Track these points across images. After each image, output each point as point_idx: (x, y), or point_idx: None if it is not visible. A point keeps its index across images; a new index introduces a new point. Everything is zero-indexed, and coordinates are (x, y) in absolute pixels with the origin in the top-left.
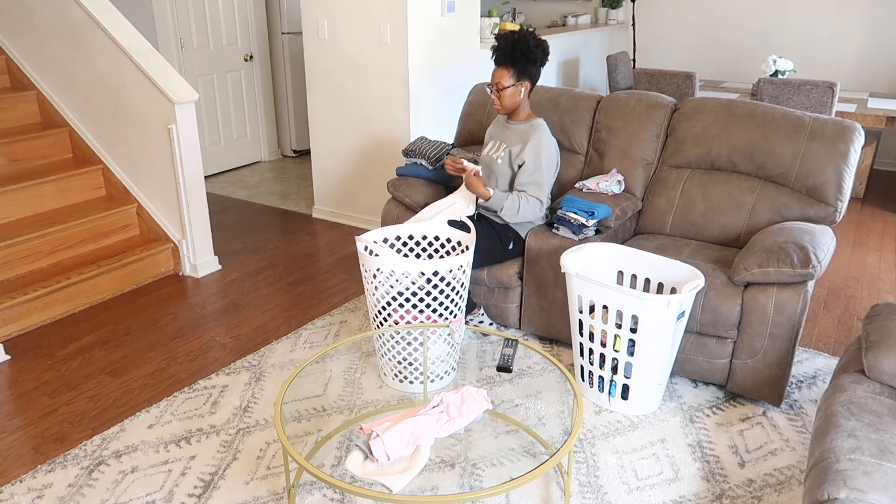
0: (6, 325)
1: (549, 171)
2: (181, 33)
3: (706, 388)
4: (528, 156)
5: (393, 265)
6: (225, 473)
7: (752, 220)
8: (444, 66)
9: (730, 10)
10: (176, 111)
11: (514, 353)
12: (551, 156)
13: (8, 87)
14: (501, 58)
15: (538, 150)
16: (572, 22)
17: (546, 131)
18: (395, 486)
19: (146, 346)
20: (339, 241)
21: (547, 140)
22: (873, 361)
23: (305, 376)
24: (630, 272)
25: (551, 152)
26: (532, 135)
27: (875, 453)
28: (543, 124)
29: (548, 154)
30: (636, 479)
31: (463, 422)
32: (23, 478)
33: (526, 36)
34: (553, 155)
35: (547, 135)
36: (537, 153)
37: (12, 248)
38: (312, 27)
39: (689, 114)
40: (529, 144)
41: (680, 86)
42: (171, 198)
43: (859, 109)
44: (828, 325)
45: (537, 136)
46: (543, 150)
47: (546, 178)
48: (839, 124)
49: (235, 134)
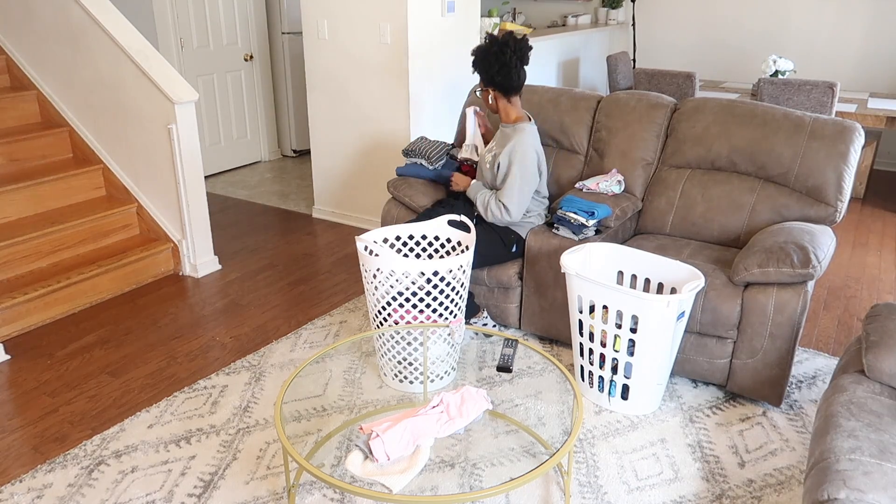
0: (6, 325)
1: (524, 178)
2: (181, 33)
3: (706, 388)
4: (503, 159)
5: (393, 265)
6: (225, 473)
7: (752, 221)
8: (444, 66)
9: (730, 10)
10: (176, 111)
11: (514, 353)
12: (525, 163)
13: (8, 87)
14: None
15: (512, 155)
16: (572, 22)
17: (526, 136)
18: (395, 486)
19: (146, 346)
20: (339, 241)
21: (525, 146)
22: (873, 361)
23: (305, 376)
24: (630, 272)
25: (526, 159)
26: (512, 139)
27: (875, 453)
28: (526, 129)
29: (521, 161)
30: (636, 479)
31: (463, 422)
32: (23, 478)
33: (489, 43)
34: (528, 162)
35: (526, 140)
36: (511, 159)
37: (12, 248)
38: (312, 27)
39: (689, 114)
40: (506, 148)
41: (680, 86)
42: (171, 198)
43: (859, 109)
44: (828, 325)
45: (514, 141)
46: (517, 157)
47: (517, 183)
48: (839, 124)
49: (235, 134)
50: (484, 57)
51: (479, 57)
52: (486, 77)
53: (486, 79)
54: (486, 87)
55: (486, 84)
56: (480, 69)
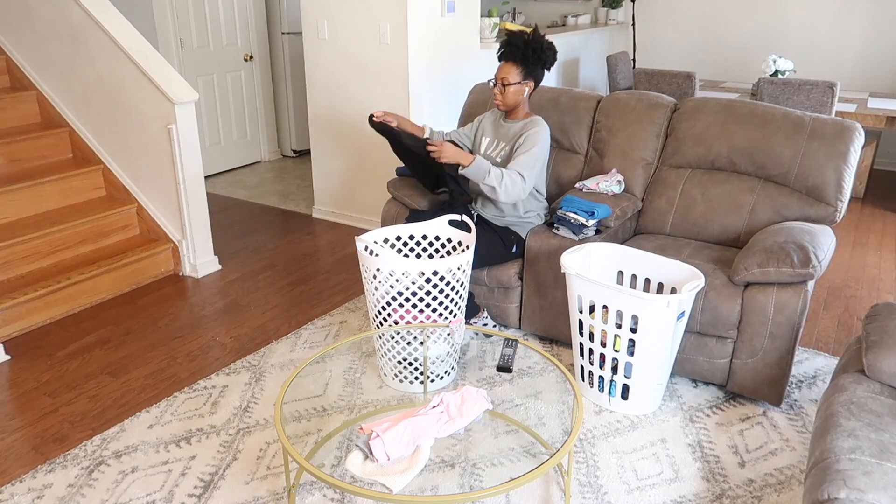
0: (6, 325)
1: (539, 158)
2: (181, 33)
3: (706, 388)
4: (524, 141)
5: (393, 265)
6: (225, 473)
7: (752, 220)
8: (444, 66)
9: (730, 10)
10: (176, 111)
11: (514, 353)
12: (544, 147)
13: (8, 87)
14: (512, 54)
15: (535, 137)
16: (572, 22)
17: (545, 126)
18: (395, 486)
19: (146, 346)
20: (339, 241)
21: (546, 134)
22: (873, 361)
23: (305, 376)
24: (630, 272)
25: (545, 145)
26: (532, 126)
27: (875, 453)
28: (542, 120)
29: (542, 144)
30: (636, 479)
31: (463, 422)
32: (23, 478)
33: (540, 37)
34: (545, 149)
35: (546, 131)
36: (534, 140)
37: (12, 248)
38: (312, 27)
39: (689, 114)
40: (528, 132)
41: (680, 86)
42: (171, 198)
43: (859, 109)
44: (828, 325)
45: (539, 128)
46: (539, 139)
47: (532, 161)
48: (839, 124)
49: (235, 134)
50: (542, 49)
51: (536, 48)
52: (536, 68)
53: (535, 70)
54: (524, 80)
55: (528, 77)
56: (531, 60)
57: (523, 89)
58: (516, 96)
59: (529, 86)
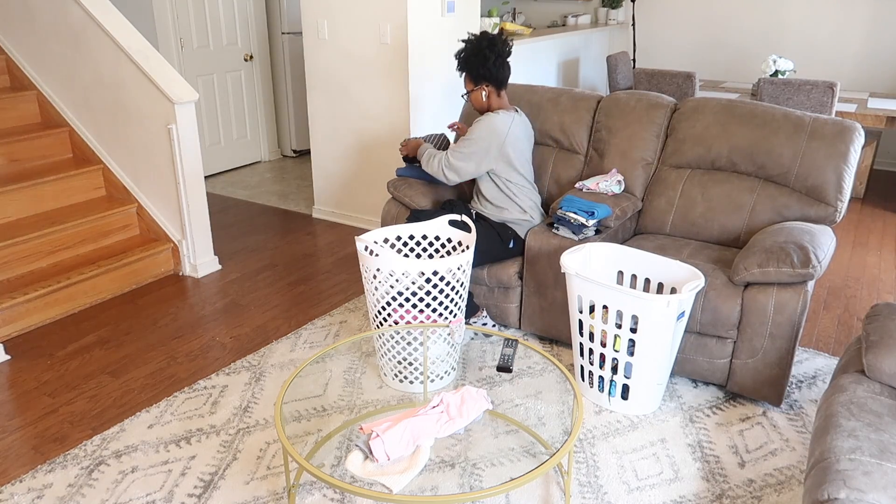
0: (6, 325)
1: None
2: (181, 33)
3: (706, 388)
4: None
5: (393, 265)
6: (225, 473)
7: (752, 220)
8: (444, 66)
9: (730, 10)
10: (176, 111)
11: (514, 353)
12: (481, 135)
13: (8, 87)
14: (460, 66)
15: (475, 126)
16: (572, 22)
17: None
18: (395, 486)
19: (146, 346)
20: (339, 241)
21: (492, 121)
22: (873, 361)
23: (305, 376)
24: (630, 272)
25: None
26: (481, 119)
27: (875, 453)
28: (500, 113)
29: (482, 129)
30: (636, 479)
31: (463, 422)
32: (23, 478)
33: (477, 40)
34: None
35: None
36: (473, 129)
37: (12, 248)
38: (312, 27)
39: (689, 114)
40: (474, 123)
41: (680, 86)
42: (171, 198)
43: (859, 109)
44: (828, 325)
45: (484, 119)
46: (481, 125)
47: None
48: (839, 124)
49: (235, 134)
50: (477, 52)
51: (471, 53)
52: (480, 72)
53: (481, 74)
54: (477, 84)
55: (479, 80)
56: (473, 65)
57: (481, 92)
58: (478, 101)
59: (485, 88)
